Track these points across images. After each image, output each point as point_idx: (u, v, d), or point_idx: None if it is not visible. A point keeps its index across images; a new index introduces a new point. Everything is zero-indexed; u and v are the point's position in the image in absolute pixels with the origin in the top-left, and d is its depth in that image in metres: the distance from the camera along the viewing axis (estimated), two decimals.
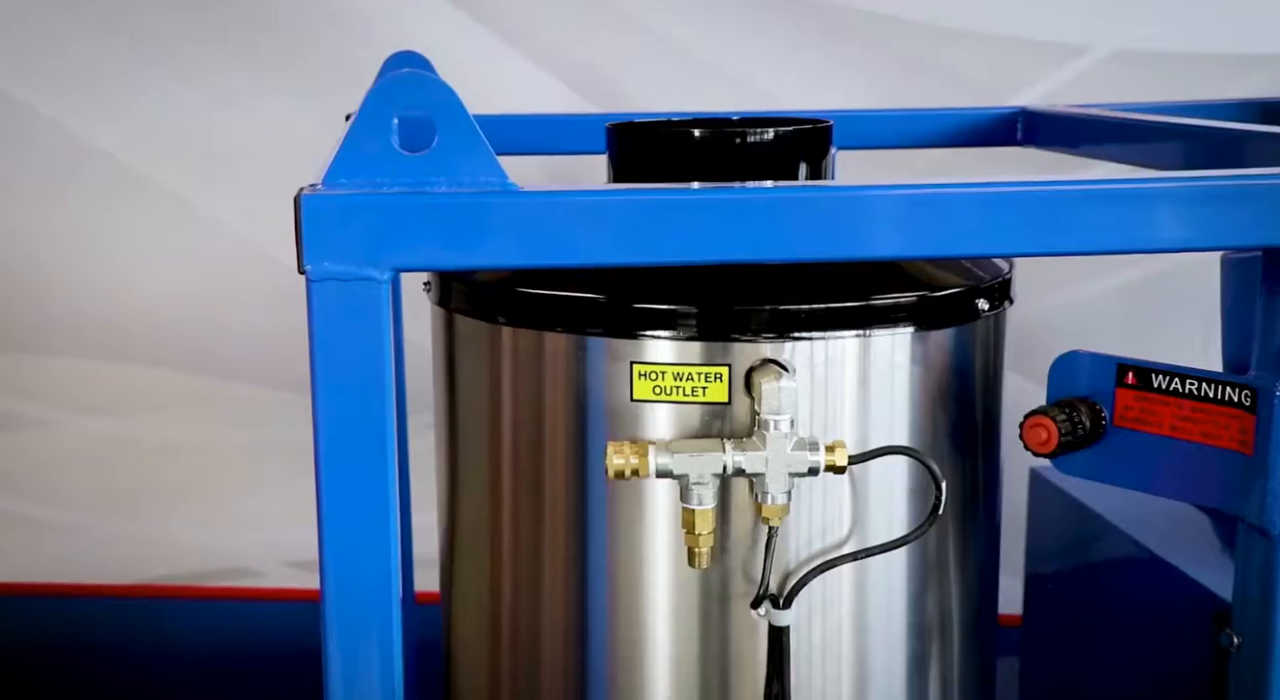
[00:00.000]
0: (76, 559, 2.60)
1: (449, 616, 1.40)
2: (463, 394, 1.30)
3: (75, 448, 2.58)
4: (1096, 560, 1.78)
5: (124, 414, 2.58)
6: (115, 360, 2.54)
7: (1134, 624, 1.67)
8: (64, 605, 2.59)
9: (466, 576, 1.34)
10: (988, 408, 1.28)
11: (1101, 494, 1.85)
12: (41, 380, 2.55)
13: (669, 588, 1.20)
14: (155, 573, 2.61)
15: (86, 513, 2.60)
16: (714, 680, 1.20)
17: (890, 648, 1.23)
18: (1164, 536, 1.67)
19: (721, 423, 1.16)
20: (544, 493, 1.23)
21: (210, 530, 2.62)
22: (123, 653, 2.58)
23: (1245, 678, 1.14)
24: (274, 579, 2.65)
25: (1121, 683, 1.71)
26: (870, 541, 1.19)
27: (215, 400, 2.58)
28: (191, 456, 2.60)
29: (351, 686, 1.08)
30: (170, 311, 2.51)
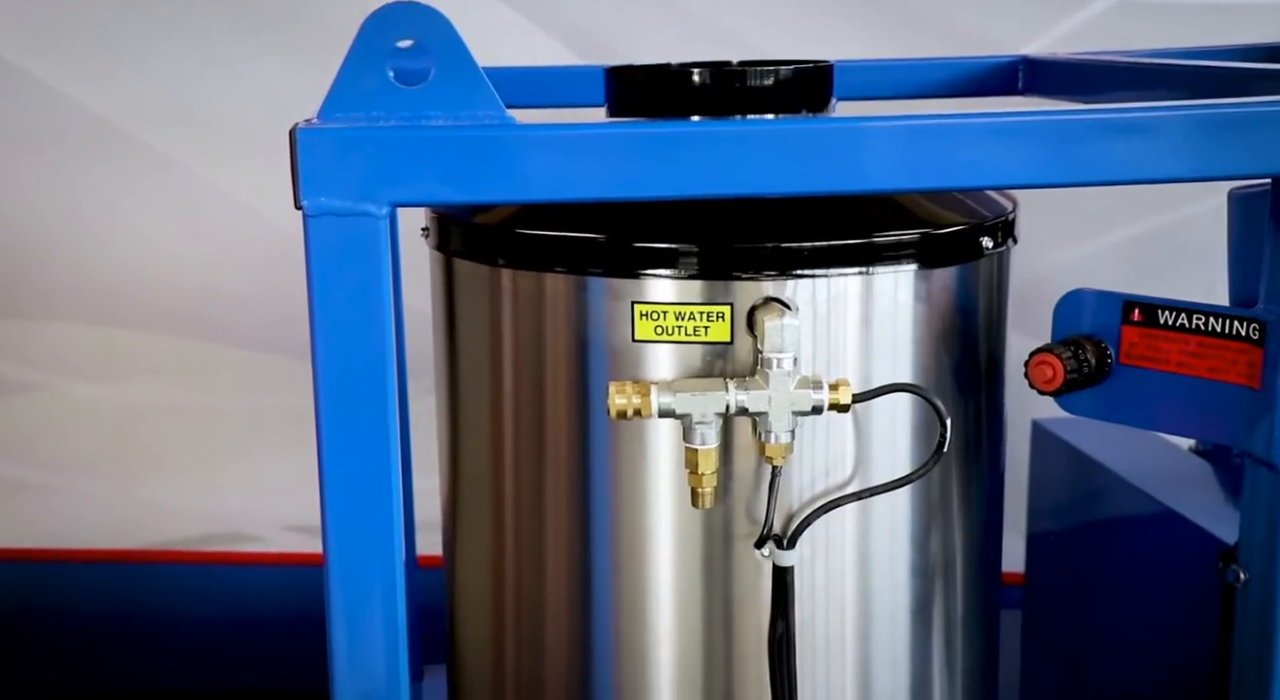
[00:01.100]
0: (76, 524, 2.59)
1: (452, 566, 1.39)
2: (463, 339, 1.29)
3: (74, 413, 2.57)
4: (1100, 510, 1.77)
5: (123, 379, 2.57)
6: (114, 326, 2.54)
7: (1139, 573, 1.66)
8: (63, 571, 2.59)
9: (469, 522, 1.33)
10: (991, 348, 1.27)
11: (1104, 445, 1.85)
12: (40, 346, 2.54)
13: (672, 529, 1.19)
14: (155, 538, 2.61)
15: (85, 478, 2.59)
16: (718, 621, 1.20)
17: (894, 588, 1.23)
18: (1169, 485, 1.67)
19: (724, 362, 1.15)
20: (545, 436, 1.22)
21: (210, 495, 2.62)
22: (122, 618, 2.58)
23: (1251, 613, 1.13)
24: (274, 544, 2.65)
25: (1126, 632, 1.71)
26: (874, 481, 1.19)
27: (214, 365, 2.57)
28: (191, 422, 2.59)
29: (355, 647, 1.07)
30: (169, 277, 2.50)
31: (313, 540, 2.79)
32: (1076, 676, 1.82)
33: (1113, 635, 1.75)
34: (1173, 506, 1.59)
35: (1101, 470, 1.77)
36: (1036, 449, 1.95)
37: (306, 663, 2.13)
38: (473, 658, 1.37)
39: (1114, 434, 1.92)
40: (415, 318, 1.61)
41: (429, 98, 1.01)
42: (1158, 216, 2.36)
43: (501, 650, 1.31)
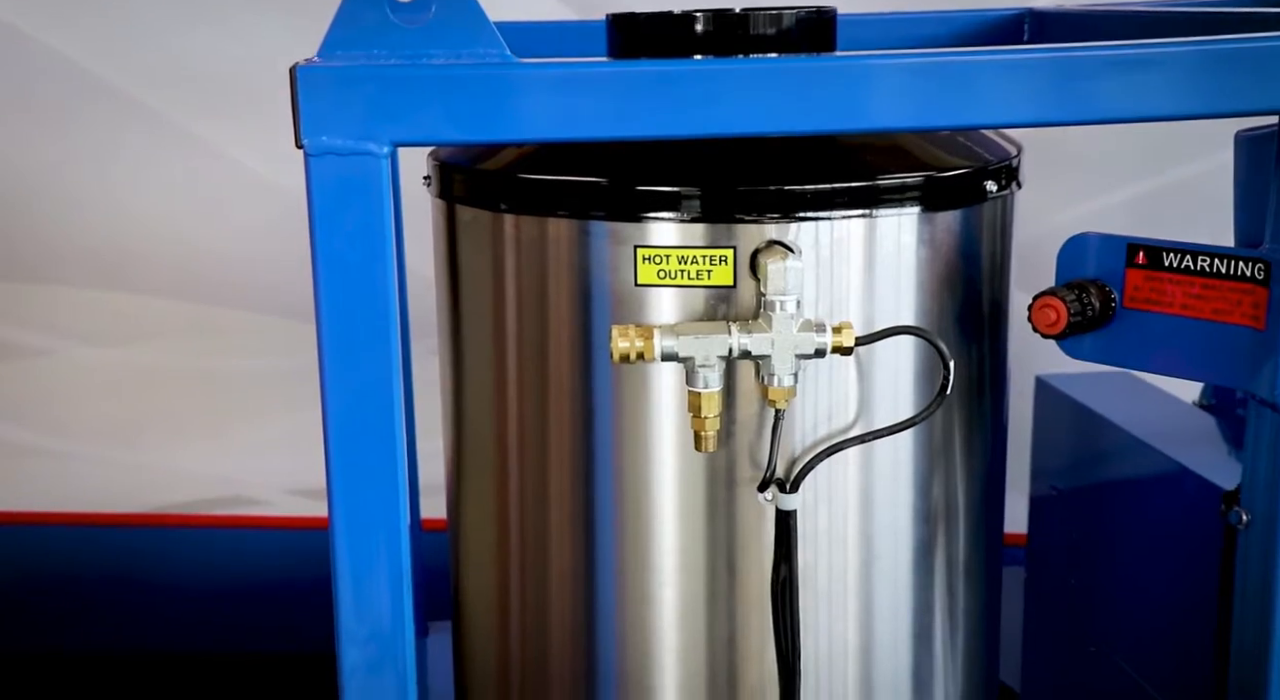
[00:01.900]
0: (79, 488, 2.60)
1: (456, 514, 1.39)
2: (465, 287, 1.29)
3: (77, 377, 2.57)
4: (1104, 464, 1.77)
5: (125, 343, 2.58)
6: (116, 289, 2.53)
7: (1143, 526, 1.67)
8: (66, 534, 2.60)
9: (473, 470, 1.33)
10: (995, 294, 1.27)
11: (1108, 400, 1.85)
12: (42, 310, 2.54)
13: (675, 474, 1.19)
14: (157, 501, 2.62)
15: (88, 442, 2.60)
16: (721, 565, 1.20)
17: (897, 532, 1.23)
18: (1173, 439, 1.66)
19: (727, 306, 1.15)
20: (549, 382, 1.22)
21: (212, 459, 2.62)
22: (125, 581, 2.59)
23: (1254, 554, 1.14)
24: (277, 507, 2.66)
25: (1130, 585, 1.71)
26: (876, 426, 1.18)
27: (217, 328, 2.57)
28: (193, 385, 2.59)
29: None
30: (171, 240, 2.50)
31: (315, 504, 2.80)
32: (1079, 630, 1.82)
33: (1116, 588, 1.75)
34: (1178, 459, 1.59)
35: (1106, 424, 1.76)
36: (1040, 405, 1.95)
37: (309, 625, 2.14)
38: (477, 607, 1.38)
39: (1117, 389, 1.93)
40: (417, 282, 1.61)
41: (430, 36, 1.00)
42: (1160, 176, 2.35)
43: (506, 599, 1.32)
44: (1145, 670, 1.68)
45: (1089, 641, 1.78)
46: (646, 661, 1.23)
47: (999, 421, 1.34)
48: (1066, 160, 2.33)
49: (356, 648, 1.08)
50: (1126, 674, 1.71)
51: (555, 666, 1.28)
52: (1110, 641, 1.76)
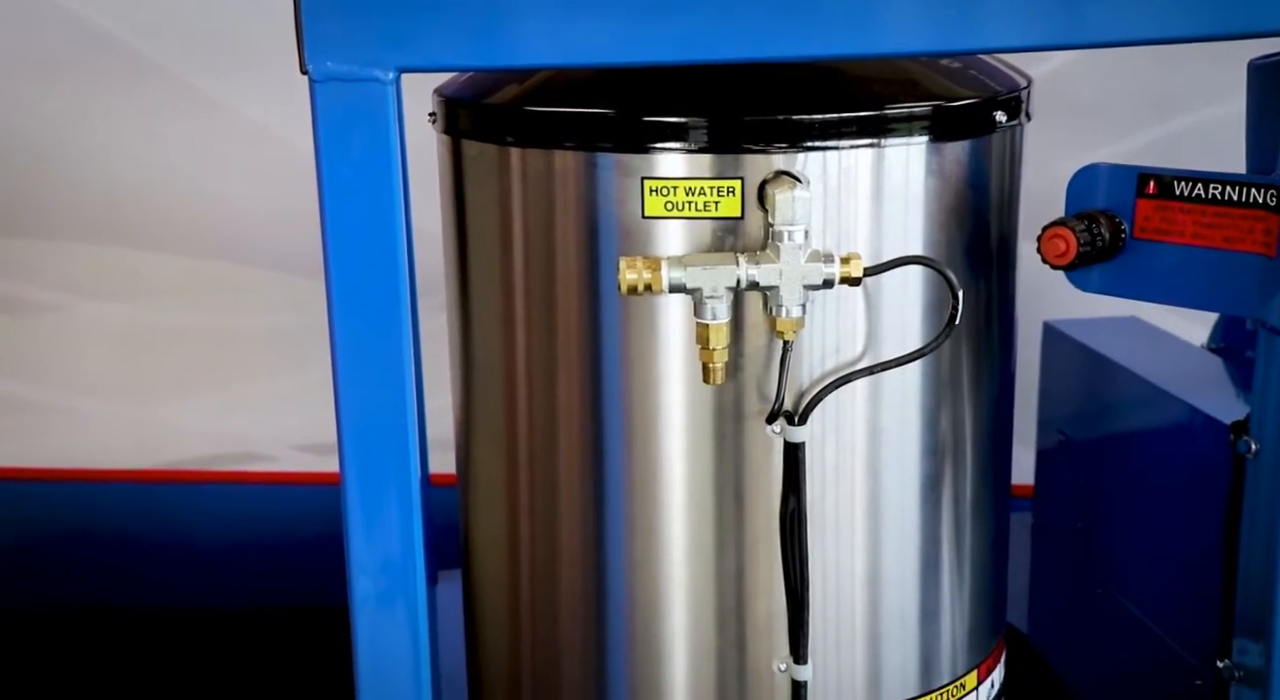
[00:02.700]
0: (87, 444, 2.61)
1: (465, 454, 1.39)
2: (472, 223, 1.28)
3: (85, 333, 2.58)
4: (1113, 407, 1.77)
5: (134, 299, 2.58)
6: (125, 246, 2.53)
7: (1151, 467, 1.67)
8: (75, 490, 2.61)
9: (482, 409, 1.33)
10: (1004, 227, 1.26)
11: (1116, 343, 1.85)
12: (51, 266, 2.54)
13: (683, 407, 1.19)
14: (167, 457, 2.63)
15: (97, 398, 2.61)
16: (729, 498, 1.21)
17: (904, 466, 1.23)
18: (1182, 380, 1.66)
19: (734, 238, 1.14)
20: (556, 316, 1.22)
21: (221, 415, 2.63)
22: (133, 537, 2.60)
23: (1263, 482, 1.14)
24: (284, 463, 2.67)
25: (1137, 525, 1.71)
26: (884, 358, 1.18)
27: (225, 285, 2.57)
28: (201, 341, 2.60)
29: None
30: (180, 196, 2.49)
31: (323, 460, 2.81)
32: (1086, 572, 1.83)
33: (1123, 531, 1.76)
34: (1186, 399, 1.59)
35: (1114, 368, 1.76)
36: (1047, 351, 1.95)
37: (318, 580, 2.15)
38: (487, 547, 1.38)
39: (1126, 333, 1.93)
40: (423, 239, 1.59)
41: None
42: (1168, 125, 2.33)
43: (516, 538, 1.32)
44: (1152, 610, 1.69)
45: (1095, 583, 1.79)
46: (655, 596, 1.24)
47: (1006, 358, 1.33)
48: (1075, 109, 2.31)
49: (368, 578, 1.09)
50: (1133, 614, 1.72)
51: (565, 603, 1.29)
52: (1117, 583, 1.77)
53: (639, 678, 1.26)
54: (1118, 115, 2.33)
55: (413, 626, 1.10)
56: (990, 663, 1.35)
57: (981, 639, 1.33)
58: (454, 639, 1.54)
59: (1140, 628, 1.69)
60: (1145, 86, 2.33)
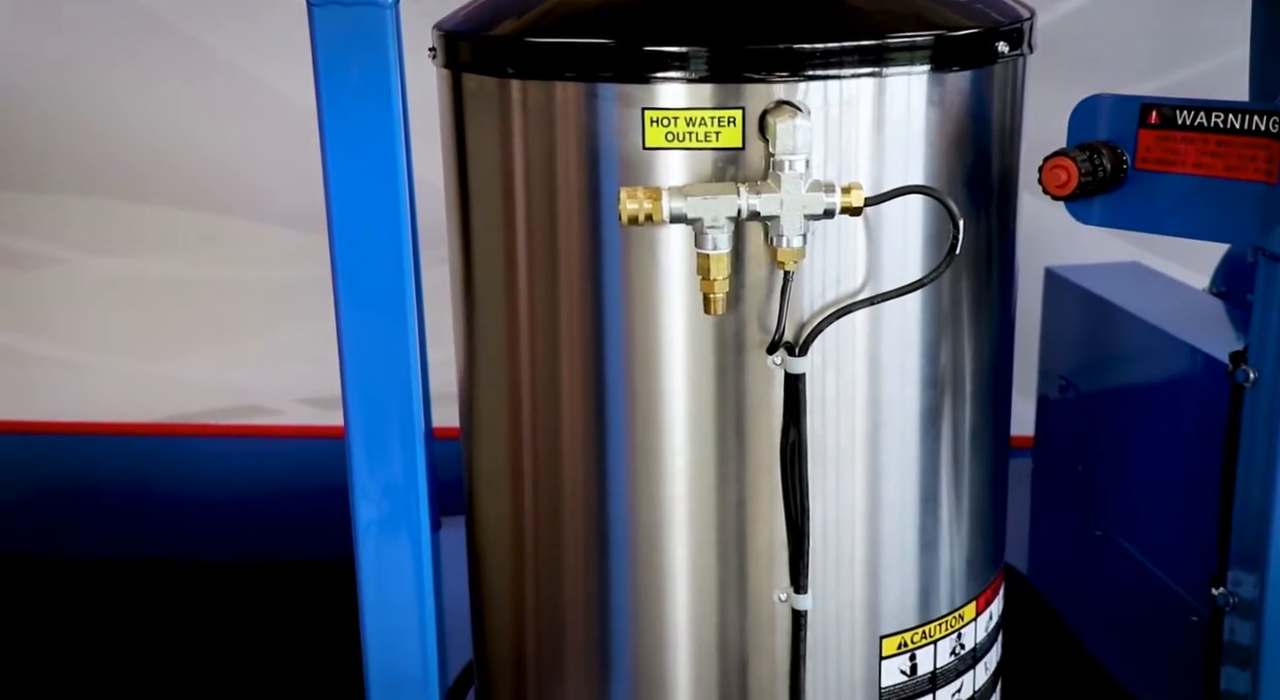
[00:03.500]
0: (90, 398, 2.63)
1: (469, 395, 1.40)
2: (473, 158, 1.28)
3: (90, 287, 2.58)
4: (1114, 350, 1.78)
5: (138, 253, 2.58)
6: (128, 199, 2.53)
7: (1152, 408, 1.68)
8: (78, 443, 2.63)
9: (485, 345, 1.34)
10: (1005, 160, 1.26)
11: (1117, 287, 1.85)
12: (51, 219, 2.55)
13: (685, 338, 1.20)
14: (170, 411, 2.64)
15: (99, 352, 2.62)
16: (730, 430, 1.21)
17: (904, 398, 1.24)
18: (1182, 321, 1.67)
19: (735, 168, 1.14)
20: (558, 250, 1.22)
21: (225, 369, 2.64)
22: (136, 491, 2.62)
23: (1260, 411, 1.14)
24: (289, 417, 2.68)
25: (1138, 466, 1.72)
26: (885, 290, 1.18)
27: (230, 239, 2.57)
28: (207, 296, 2.60)
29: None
30: (183, 150, 2.49)
31: (327, 413, 2.83)
32: (1085, 515, 1.84)
33: (1124, 472, 1.77)
34: (1187, 340, 1.60)
35: (1116, 311, 1.77)
36: (1049, 296, 1.95)
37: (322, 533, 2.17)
38: (490, 484, 1.39)
39: (1127, 277, 1.93)
40: (425, 189, 1.59)
41: None
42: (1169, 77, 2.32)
43: (519, 473, 1.32)
44: (1151, 550, 1.70)
45: (1095, 525, 1.81)
46: (657, 528, 1.25)
47: (1006, 291, 1.33)
48: (1076, 62, 2.30)
49: (370, 504, 1.10)
50: (1131, 555, 1.73)
51: (568, 538, 1.30)
52: (1116, 525, 1.78)
53: (641, 610, 1.27)
54: (1124, 64, 2.32)
55: (416, 553, 1.11)
56: (989, 594, 1.36)
57: (980, 571, 1.34)
58: (458, 585, 1.56)
59: (1139, 567, 1.71)
60: (1152, 35, 2.31)
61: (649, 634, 1.27)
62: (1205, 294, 1.81)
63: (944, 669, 1.31)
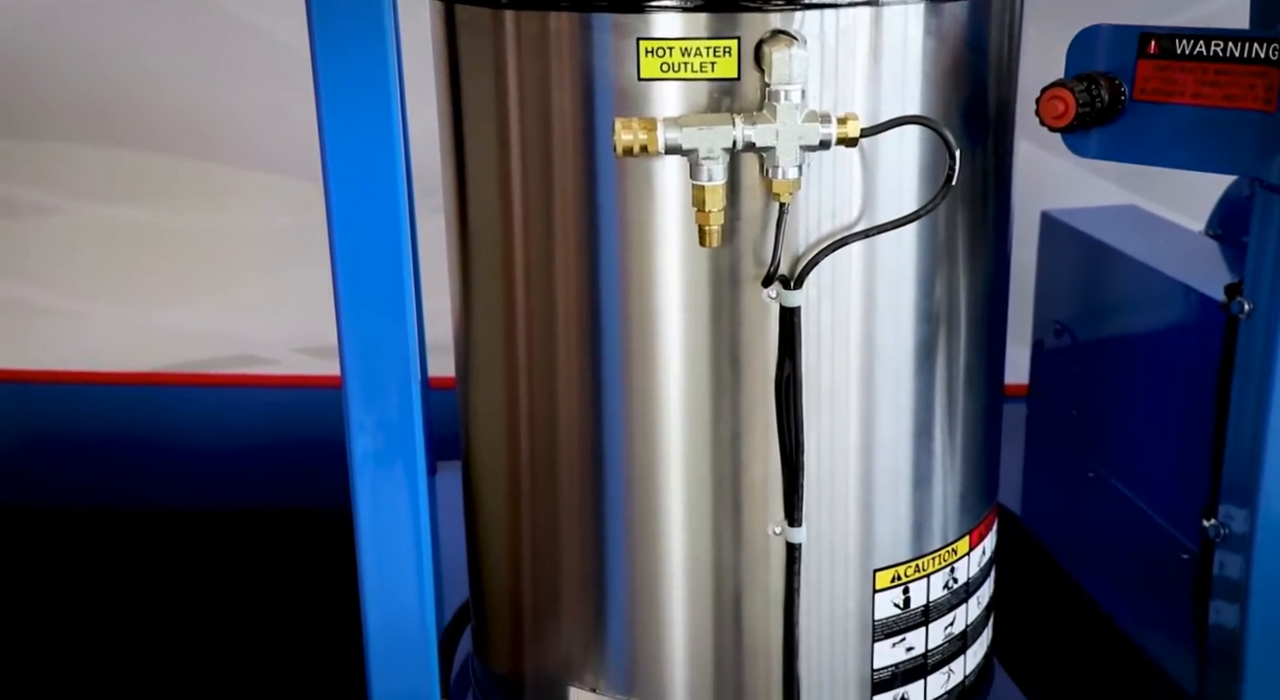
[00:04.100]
0: (85, 346, 2.62)
1: (464, 336, 1.39)
2: (467, 91, 1.27)
3: (85, 235, 2.57)
4: (1110, 293, 1.78)
5: (132, 201, 2.57)
6: (123, 147, 2.51)
7: (1147, 350, 1.68)
8: (74, 392, 2.63)
9: (481, 283, 1.33)
10: (1002, 92, 1.25)
11: (1114, 230, 1.85)
12: (43, 166, 2.53)
13: (680, 271, 1.19)
14: (166, 360, 2.64)
15: (94, 300, 2.61)
16: (725, 363, 1.21)
17: (899, 332, 1.24)
18: (1178, 262, 1.67)
19: (731, 99, 1.13)
20: (553, 183, 1.22)
21: (219, 318, 2.64)
22: (132, 439, 2.62)
23: (1255, 343, 1.14)
24: (285, 366, 2.68)
25: (1132, 410, 1.73)
26: (880, 222, 1.18)
27: (225, 187, 2.56)
28: (200, 244, 2.59)
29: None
30: (178, 97, 2.47)
31: (322, 362, 2.83)
32: (1079, 457, 1.85)
33: (1117, 414, 1.77)
34: (1183, 281, 1.60)
35: (1112, 253, 1.77)
36: (1045, 240, 1.95)
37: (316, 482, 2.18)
38: (486, 420, 1.39)
39: (1124, 220, 1.93)
40: (416, 136, 1.58)
41: None
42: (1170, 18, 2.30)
43: (515, 408, 1.32)
44: (1144, 491, 1.72)
45: (1088, 467, 1.82)
46: (652, 462, 1.25)
47: (1002, 227, 1.33)
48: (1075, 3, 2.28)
49: (366, 436, 1.10)
50: (1124, 496, 1.75)
51: (563, 474, 1.30)
52: (1110, 466, 1.79)
53: (636, 545, 1.28)
54: (1127, 4, 2.30)
55: (411, 487, 1.12)
56: (982, 530, 1.37)
57: (973, 506, 1.35)
58: (453, 530, 1.56)
59: (1131, 507, 1.72)
60: None
61: (644, 569, 1.28)
62: (1201, 236, 1.80)
63: (937, 602, 1.32)
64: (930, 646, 1.33)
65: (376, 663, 1.21)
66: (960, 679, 1.38)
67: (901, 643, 1.31)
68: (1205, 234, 1.82)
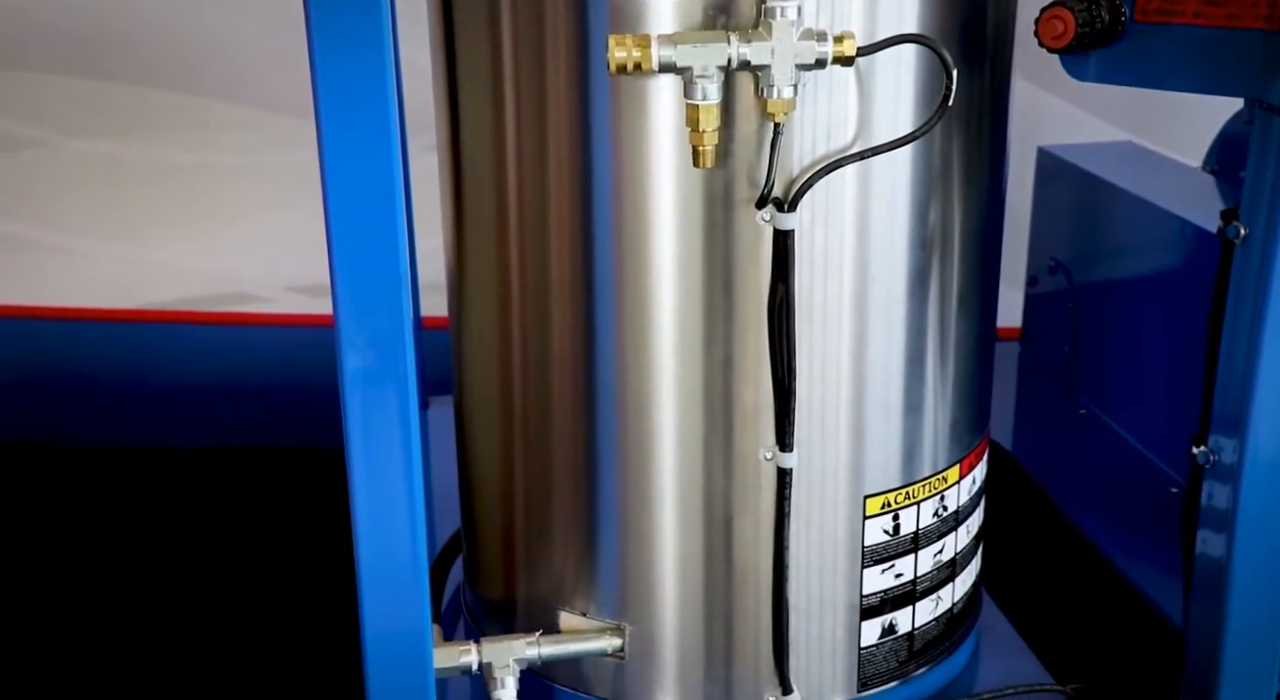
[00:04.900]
0: (77, 282, 2.61)
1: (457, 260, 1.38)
2: (459, 14, 1.25)
3: (75, 170, 2.55)
4: (1106, 228, 1.78)
5: (122, 136, 2.54)
6: (113, 80, 2.48)
7: (1142, 284, 1.68)
8: (65, 328, 2.61)
9: (474, 210, 1.32)
10: (1000, 13, 1.23)
11: (1111, 165, 1.84)
12: (30, 99, 2.50)
13: (674, 193, 1.18)
14: (158, 297, 2.63)
15: (86, 236, 2.59)
16: (718, 287, 1.20)
17: (892, 257, 1.23)
18: (1175, 197, 1.66)
19: (726, 17, 1.12)
20: (547, 103, 1.20)
21: (212, 255, 2.62)
22: (125, 377, 2.62)
23: (1249, 267, 1.14)
24: (279, 305, 2.67)
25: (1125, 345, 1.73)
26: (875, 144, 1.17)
27: (217, 123, 2.53)
28: (193, 180, 2.57)
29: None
30: (168, 30, 2.43)
31: (316, 301, 2.82)
32: (1070, 393, 1.86)
33: (1110, 350, 1.78)
34: (1180, 214, 1.59)
35: (1109, 188, 1.76)
36: (1041, 176, 1.94)
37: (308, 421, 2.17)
38: (479, 347, 1.38)
39: (1121, 156, 1.92)
40: (412, 70, 1.56)
41: None
42: None
43: (508, 334, 1.32)
44: (1134, 426, 1.72)
45: (1079, 403, 1.82)
46: (645, 387, 1.25)
47: (998, 152, 1.32)
48: None
49: (356, 354, 1.09)
50: (1115, 431, 1.75)
51: (556, 399, 1.30)
52: (1101, 402, 1.80)
53: (628, 470, 1.28)
54: None
55: (402, 406, 1.11)
56: (972, 459, 1.38)
57: (964, 435, 1.35)
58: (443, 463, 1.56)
59: (1121, 443, 1.73)
60: None
61: (635, 494, 1.28)
62: (1199, 171, 1.79)
63: (926, 530, 1.33)
64: (919, 574, 1.34)
65: (368, 589, 1.20)
66: (948, 606, 1.39)
67: (890, 569, 1.31)
68: (1204, 169, 1.81)
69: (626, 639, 1.31)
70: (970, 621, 1.46)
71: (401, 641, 1.19)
